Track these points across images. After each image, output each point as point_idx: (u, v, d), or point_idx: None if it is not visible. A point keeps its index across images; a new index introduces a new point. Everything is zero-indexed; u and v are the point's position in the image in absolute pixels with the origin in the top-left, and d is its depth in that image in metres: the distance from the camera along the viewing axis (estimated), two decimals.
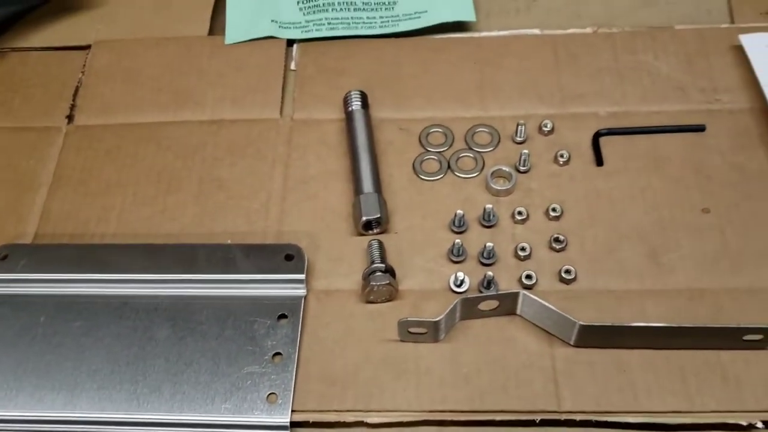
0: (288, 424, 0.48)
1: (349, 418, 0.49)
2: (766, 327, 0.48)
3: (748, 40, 0.64)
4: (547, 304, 0.50)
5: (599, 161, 0.60)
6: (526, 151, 0.59)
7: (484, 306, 0.52)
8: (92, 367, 0.51)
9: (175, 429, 0.49)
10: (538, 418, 0.48)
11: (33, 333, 0.53)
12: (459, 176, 0.60)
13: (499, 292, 0.51)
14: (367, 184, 0.58)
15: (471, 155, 0.61)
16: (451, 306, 0.50)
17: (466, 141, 0.62)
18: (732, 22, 0.68)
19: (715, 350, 0.50)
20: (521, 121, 0.61)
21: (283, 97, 0.66)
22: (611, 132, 0.61)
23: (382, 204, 0.57)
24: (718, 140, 0.60)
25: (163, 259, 0.55)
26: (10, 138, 0.65)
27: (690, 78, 0.64)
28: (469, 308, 0.51)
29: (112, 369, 0.51)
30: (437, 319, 0.50)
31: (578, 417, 0.48)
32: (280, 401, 0.49)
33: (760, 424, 0.47)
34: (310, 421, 0.49)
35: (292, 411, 0.49)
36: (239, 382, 0.50)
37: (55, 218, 0.60)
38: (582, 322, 0.49)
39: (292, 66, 0.68)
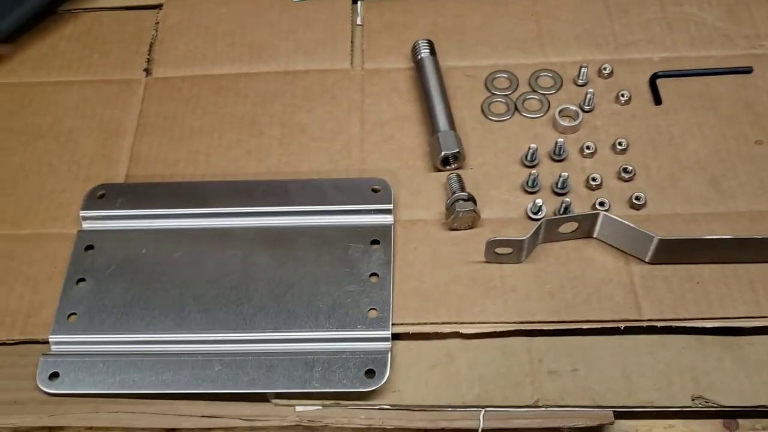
0: (390, 335, 0.52)
1: (445, 329, 0.53)
2: None
3: None
4: (626, 221, 0.54)
5: (657, 100, 0.64)
6: (591, 90, 0.63)
7: (564, 228, 0.55)
8: (197, 291, 0.55)
9: (282, 344, 0.52)
10: (622, 325, 0.52)
11: (137, 264, 0.56)
12: (526, 116, 0.64)
13: (579, 214, 0.55)
14: (443, 123, 0.61)
15: (536, 97, 0.65)
16: (536, 227, 0.54)
17: (530, 85, 0.66)
18: None
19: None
20: (584, 64, 0.65)
21: (352, 50, 0.69)
22: (667, 74, 0.65)
23: (459, 140, 0.60)
24: (765, 80, 0.65)
25: (256, 193, 0.59)
26: (92, 90, 0.68)
27: (734, 26, 0.68)
28: (551, 230, 0.55)
29: (217, 293, 0.55)
30: (524, 238, 0.53)
31: (659, 324, 0.52)
32: (381, 315, 0.53)
33: None
34: (410, 332, 0.53)
35: (393, 324, 0.53)
36: (341, 300, 0.53)
37: (144, 161, 0.63)
38: (660, 236, 0.53)
39: (359, 21, 0.71)
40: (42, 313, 0.55)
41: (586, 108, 0.64)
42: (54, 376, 0.52)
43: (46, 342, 0.53)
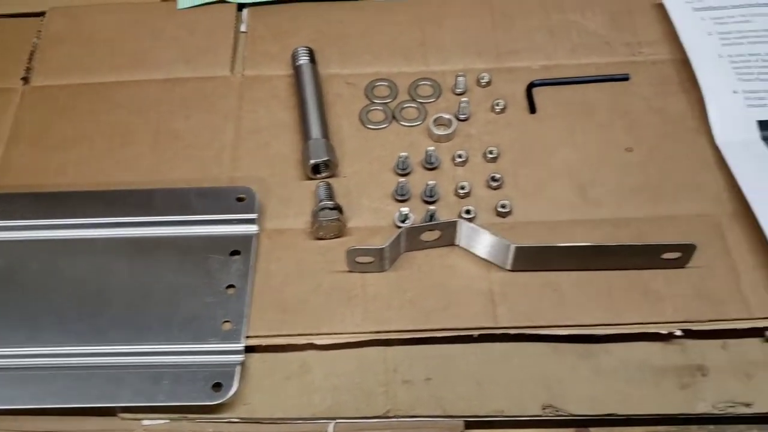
0: (242, 348, 0.51)
1: (300, 341, 0.52)
2: (684, 244, 0.53)
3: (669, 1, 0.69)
4: (483, 229, 0.54)
5: (532, 109, 0.64)
6: (465, 99, 0.63)
7: (426, 236, 0.55)
8: (53, 303, 0.53)
9: (134, 358, 0.51)
10: (476, 333, 0.52)
11: None
12: (403, 125, 0.64)
13: (440, 221, 0.55)
14: (315, 131, 0.61)
15: (414, 106, 0.65)
16: (396, 235, 0.54)
17: (409, 93, 0.66)
18: None
19: (638, 270, 0.54)
20: (460, 73, 0.65)
21: (234, 57, 0.69)
22: (543, 83, 0.66)
23: (330, 148, 0.60)
24: (641, 88, 0.65)
25: (120, 203, 0.58)
26: None
27: (615, 33, 0.69)
28: (413, 238, 0.55)
29: (73, 305, 0.53)
30: (383, 246, 0.53)
31: (512, 331, 0.52)
32: (235, 328, 0.52)
33: (678, 332, 0.51)
34: (263, 345, 0.52)
35: (247, 337, 0.52)
36: (196, 312, 0.53)
37: (14, 171, 0.62)
38: (516, 244, 0.53)
39: (243, 28, 0.71)
40: None
41: (462, 117, 0.64)
42: None
43: None
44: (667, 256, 0.53)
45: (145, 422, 0.50)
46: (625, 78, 0.66)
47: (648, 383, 0.50)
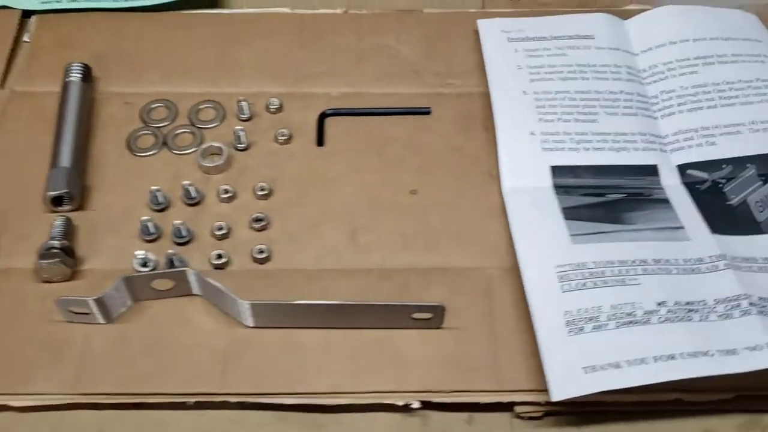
0: None
1: None
2: (432, 305, 0.47)
3: (484, 25, 0.64)
4: (213, 282, 0.48)
5: (320, 141, 0.59)
6: (239, 127, 0.57)
7: (157, 285, 0.49)
8: None
9: None
10: (192, 400, 0.46)
11: None
12: (174, 152, 0.58)
13: (165, 271, 0.49)
14: (64, 158, 0.55)
15: (189, 131, 0.59)
16: (115, 284, 0.48)
17: (189, 117, 0.60)
18: (483, 7, 0.68)
19: (389, 329, 0.49)
20: (242, 98, 0.59)
21: (8, 69, 0.62)
22: (337, 113, 0.60)
23: (74, 179, 0.54)
24: (442, 123, 0.60)
25: None
26: None
27: (427, 61, 0.63)
28: (141, 287, 0.49)
29: None
30: (95, 297, 0.47)
31: (233, 398, 0.46)
32: None
33: (416, 404, 0.46)
34: None
35: None
36: None
37: None
38: (249, 301, 0.47)
39: (26, 38, 0.64)
40: None
41: (240, 146, 0.58)
42: None
43: None
44: (416, 316, 0.48)
45: None
46: (426, 112, 0.60)
47: None
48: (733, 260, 0.49)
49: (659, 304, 0.46)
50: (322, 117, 0.60)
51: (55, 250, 0.50)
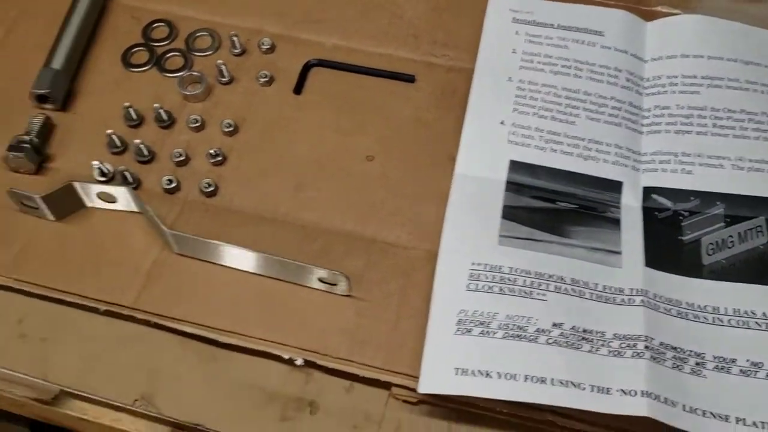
0: None
1: None
2: (337, 273, 0.48)
3: (495, 1, 0.61)
4: (145, 205, 0.51)
5: (298, 89, 0.59)
6: (221, 61, 0.59)
7: (103, 196, 0.53)
8: None
9: None
10: (102, 308, 0.50)
11: None
12: (163, 74, 0.60)
13: (104, 185, 0.52)
14: (57, 60, 0.58)
15: (181, 55, 0.61)
16: (62, 186, 0.52)
17: (186, 42, 0.62)
18: None
19: (298, 285, 0.51)
20: (234, 33, 0.60)
21: None
22: (322, 63, 0.60)
23: (60, 81, 0.57)
24: (421, 94, 0.59)
25: None
26: None
27: (429, 27, 0.62)
28: (89, 195, 0.53)
29: None
30: (43, 195, 0.51)
31: (140, 315, 0.50)
32: None
33: (299, 361, 0.48)
34: None
35: None
36: None
37: None
38: (171, 231, 0.50)
39: None
40: None
41: (223, 80, 0.59)
42: None
43: None
44: (323, 279, 0.49)
45: None
46: (410, 79, 0.60)
47: (250, 404, 0.48)
48: (654, 298, 0.47)
49: (555, 325, 0.46)
50: (307, 66, 0.60)
51: (24, 145, 0.54)
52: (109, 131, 0.56)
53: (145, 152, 0.56)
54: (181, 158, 0.56)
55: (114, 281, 0.51)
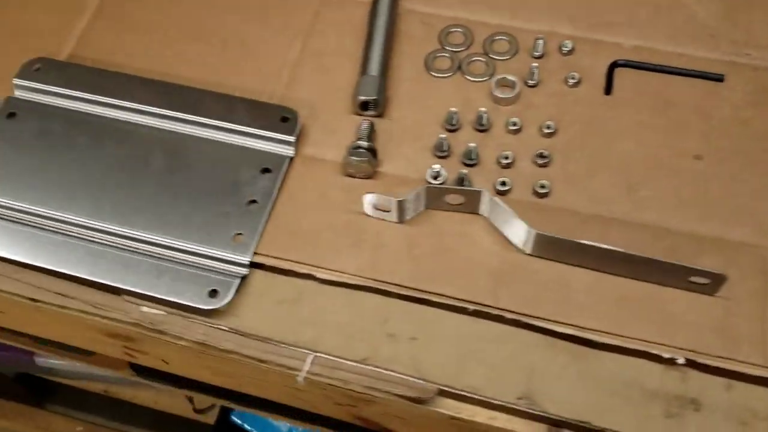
0: (248, 262, 0.53)
1: (302, 269, 0.53)
2: (714, 272, 0.49)
3: None
4: (505, 206, 0.52)
5: (608, 90, 0.60)
6: (535, 64, 0.60)
7: (450, 199, 0.54)
8: (90, 179, 0.57)
9: (145, 245, 0.54)
10: (472, 307, 0.51)
11: (47, 140, 0.59)
12: (467, 78, 0.61)
13: (462, 188, 0.53)
14: (373, 67, 0.60)
15: (483, 60, 0.62)
16: (417, 191, 0.53)
17: (484, 46, 0.63)
18: None
19: (661, 286, 0.51)
20: (540, 36, 0.61)
21: None
22: (629, 64, 0.61)
23: (381, 88, 0.59)
24: (733, 93, 0.59)
25: (172, 96, 0.59)
26: None
27: (725, 27, 0.62)
28: (435, 198, 0.54)
29: (107, 185, 0.56)
30: (399, 199, 0.52)
31: (509, 315, 0.51)
32: (246, 241, 0.53)
33: (681, 360, 0.49)
34: (267, 264, 0.53)
35: (255, 253, 0.53)
36: (214, 218, 0.54)
37: (90, 45, 0.64)
38: (537, 230, 0.51)
39: None
40: None
41: (530, 83, 0.60)
42: None
43: None
44: (694, 279, 0.50)
45: (144, 308, 0.53)
46: (719, 78, 0.60)
47: (633, 401, 0.48)
48: None
49: None
50: (613, 66, 0.61)
51: (363, 150, 0.55)
52: (441, 136, 0.57)
53: (473, 156, 0.57)
54: (508, 161, 0.57)
55: (467, 281, 0.52)
